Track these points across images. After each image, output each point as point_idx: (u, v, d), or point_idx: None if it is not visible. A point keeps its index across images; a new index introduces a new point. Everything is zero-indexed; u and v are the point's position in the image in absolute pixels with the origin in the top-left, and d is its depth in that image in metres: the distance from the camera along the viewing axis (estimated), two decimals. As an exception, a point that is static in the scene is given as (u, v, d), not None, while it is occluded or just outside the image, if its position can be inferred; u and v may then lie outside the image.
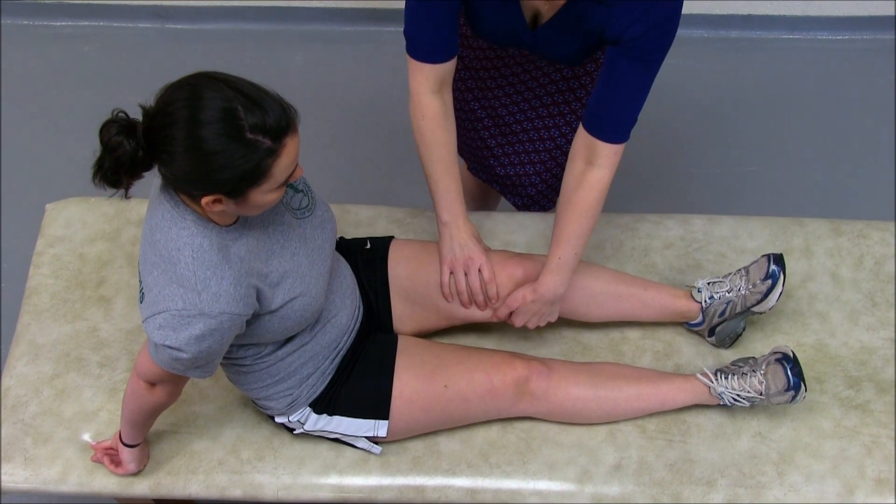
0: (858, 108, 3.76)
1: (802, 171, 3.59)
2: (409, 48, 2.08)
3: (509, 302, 2.24)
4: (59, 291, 2.46)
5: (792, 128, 3.71)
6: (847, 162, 3.62)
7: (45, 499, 2.91)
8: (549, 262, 2.18)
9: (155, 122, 1.66)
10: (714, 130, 3.70)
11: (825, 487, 2.16)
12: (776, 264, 2.21)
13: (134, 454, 2.15)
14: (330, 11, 3.93)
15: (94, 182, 1.72)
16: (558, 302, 2.25)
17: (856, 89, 3.81)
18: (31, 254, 2.55)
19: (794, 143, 3.67)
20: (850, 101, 3.78)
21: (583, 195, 2.10)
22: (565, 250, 2.15)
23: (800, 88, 3.81)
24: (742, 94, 3.80)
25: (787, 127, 3.71)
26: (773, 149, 3.65)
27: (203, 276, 1.77)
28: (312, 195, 2.04)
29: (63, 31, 3.99)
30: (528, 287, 2.22)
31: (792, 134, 3.69)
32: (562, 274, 2.17)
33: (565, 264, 2.16)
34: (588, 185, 2.08)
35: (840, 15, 3.87)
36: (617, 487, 2.18)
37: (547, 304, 2.22)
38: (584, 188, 2.09)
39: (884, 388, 2.29)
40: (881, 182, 3.57)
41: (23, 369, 2.35)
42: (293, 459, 2.22)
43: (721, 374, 2.22)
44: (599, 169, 2.07)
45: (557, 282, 2.18)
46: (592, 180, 2.08)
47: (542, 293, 2.19)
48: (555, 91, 2.37)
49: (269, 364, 2.06)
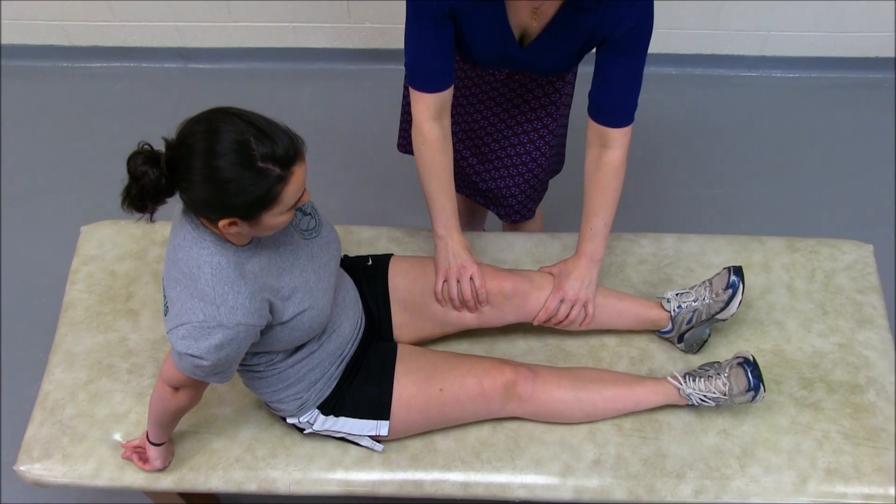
0: (809, 137, 3.76)
1: (761, 194, 3.59)
2: (410, 79, 2.09)
3: (548, 305, 2.27)
4: (93, 305, 2.45)
5: (751, 154, 3.71)
6: (800, 185, 3.62)
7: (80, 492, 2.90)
8: (584, 233, 2.25)
9: (176, 153, 1.66)
10: (683, 157, 3.70)
11: (782, 478, 2.16)
12: (736, 275, 2.22)
13: (160, 452, 2.15)
14: (334, 52, 3.95)
15: (122, 207, 1.73)
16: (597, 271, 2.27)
17: (806, 120, 3.82)
18: (67, 271, 2.54)
19: (753, 168, 3.67)
20: (801, 130, 3.78)
21: (603, 174, 2.18)
22: (595, 221, 2.22)
23: (758, 120, 3.82)
24: (707, 125, 3.80)
25: (748, 154, 3.71)
26: (735, 173, 3.65)
27: (221, 291, 1.77)
28: (319, 217, 2.04)
29: (97, 71, 3.99)
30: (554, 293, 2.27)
31: (752, 160, 3.69)
32: (596, 241, 2.24)
33: (598, 232, 2.23)
34: (606, 165, 2.16)
35: (791, 56, 3.90)
36: (596, 481, 2.17)
37: (588, 270, 2.25)
38: (603, 169, 2.17)
39: (833, 389, 2.29)
40: (831, 203, 3.57)
41: (60, 375, 2.34)
42: (303, 457, 2.21)
43: (689, 377, 2.21)
44: (613, 150, 2.15)
45: (594, 248, 2.24)
46: (609, 160, 2.16)
47: (584, 256, 2.25)
48: (528, 109, 2.38)
49: (281, 370, 2.05)
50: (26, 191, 3.62)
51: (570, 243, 2.52)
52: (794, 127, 3.79)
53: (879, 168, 3.67)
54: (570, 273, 2.26)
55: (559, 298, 2.26)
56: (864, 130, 3.78)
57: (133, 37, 3.89)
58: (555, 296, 2.26)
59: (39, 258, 3.42)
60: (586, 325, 2.30)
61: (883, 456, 2.19)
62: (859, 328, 2.39)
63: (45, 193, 3.61)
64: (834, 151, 3.72)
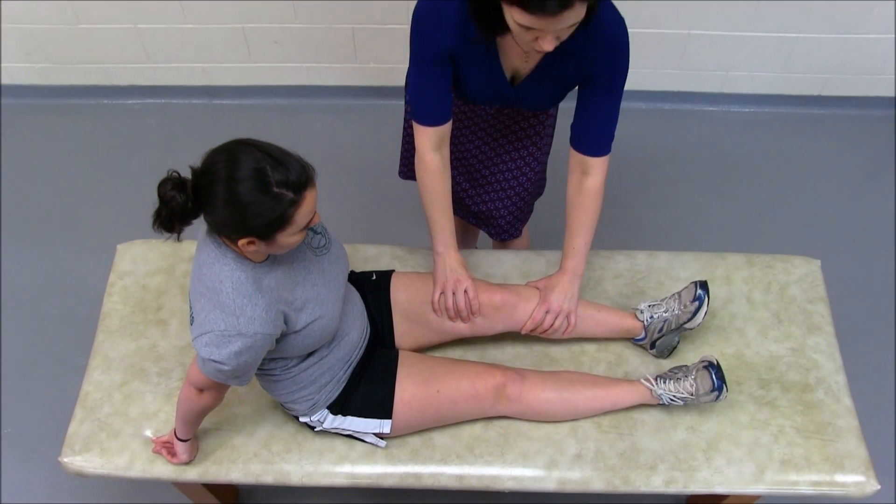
0: (763, 165, 3.77)
1: (723, 215, 3.59)
2: (414, 115, 2.09)
3: (535, 316, 2.25)
4: (127, 315, 2.44)
5: (713, 180, 3.71)
6: (757, 207, 3.62)
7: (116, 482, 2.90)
8: (566, 250, 2.24)
9: (201, 179, 1.66)
10: (653, 182, 3.70)
11: (743, 468, 2.15)
12: (702, 289, 2.21)
13: (186, 447, 2.13)
14: (342, 89, 3.95)
15: (153, 228, 1.73)
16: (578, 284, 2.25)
17: (760, 150, 3.82)
18: (105, 285, 2.53)
19: (715, 192, 3.67)
20: (757, 159, 3.79)
21: (583, 198, 2.16)
22: (577, 241, 2.21)
23: (719, 149, 3.83)
24: (674, 154, 3.80)
25: (710, 179, 3.71)
26: (700, 197, 3.65)
27: (241, 303, 1.76)
28: (328, 236, 2.03)
29: (133, 107, 3.99)
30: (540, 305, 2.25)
31: (714, 185, 3.69)
32: (578, 258, 2.22)
33: (579, 250, 2.22)
34: (586, 190, 2.15)
35: (747, 93, 3.91)
36: (578, 472, 2.16)
37: (571, 284, 2.24)
38: (584, 193, 2.16)
39: (787, 388, 2.28)
40: (783, 223, 3.57)
41: (98, 378, 2.32)
42: (314, 452, 2.19)
43: (660, 379, 2.21)
44: (593, 177, 2.14)
45: (576, 264, 2.23)
46: (589, 186, 2.15)
47: (567, 272, 2.23)
48: (515, 139, 2.37)
49: (294, 374, 2.04)
50: (70, 212, 3.63)
51: (554, 260, 2.51)
52: (750, 155, 3.80)
53: (824, 192, 3.68)
54: (554, 287, 2.24)
55: (545, 310, 2.24)
56: (809, 159, 3.80)
57: (165, 76, 3.90)
58: (541, 307, 2.24)
59: (80, 273, 3.42)
60: (569, 334, 2.29)
61: (829, 447, 2.18)
62: (809, 334, 2.38)
63: (86, 215, 3.61)
64: (785, 177, 3.73)
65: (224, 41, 3.69)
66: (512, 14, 1.69)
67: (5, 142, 3.86)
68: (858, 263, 3.44)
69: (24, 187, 3.70)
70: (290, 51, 3.74)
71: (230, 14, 3.55)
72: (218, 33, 3.65)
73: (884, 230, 3.55)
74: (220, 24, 3.61)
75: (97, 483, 2.92)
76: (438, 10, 1.91)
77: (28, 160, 3.80)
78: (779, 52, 3.66)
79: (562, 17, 1.65)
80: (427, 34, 1.94)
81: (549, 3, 1.62)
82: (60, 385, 3.11)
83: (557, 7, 1.63)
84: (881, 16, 3.46)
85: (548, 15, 1.64)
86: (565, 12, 1.64)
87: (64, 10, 3.54)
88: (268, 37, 3.67)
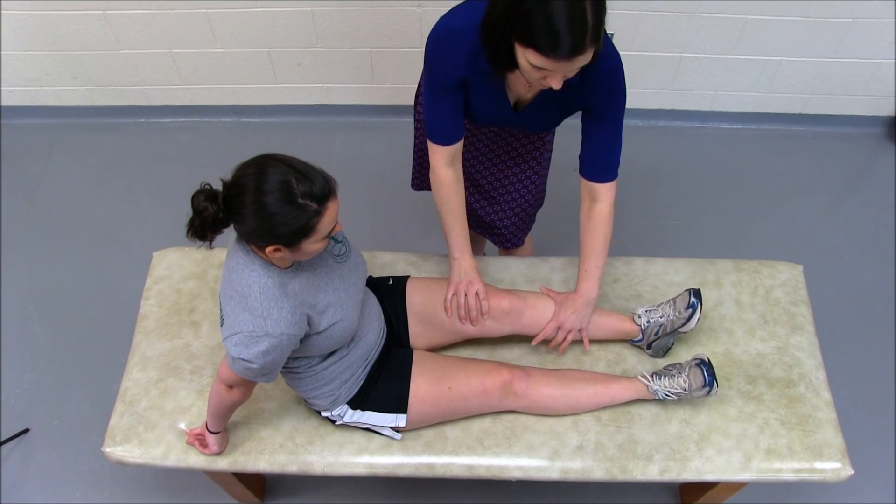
0: (750, 178, 3.76)
1: (712, 224, 3.58)
2: (429, 135, 2.09)
3: (547, 329, 2.24)
4: (162, 317, 2.43)
5: (704, 192, 3.70)
6: (744, 217, 3.61)
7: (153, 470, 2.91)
8: (580, 273, 2.21)
9: (231, 191, 1.66)
10: (649, 194, 3.68)
11: (731, 458, 2.14)
12: (695, 297, 2.20)
13: (217, 439, 2.13)
14: (360, 107, 3.94)
15: (187, 236, 1.73)
16: (591, 306, 2.23)
17: (748, 164, 3.81)
18: (142, 289, 2.54)
19: (706, 203, 3.66)
20: (744, 172, 3.78)
21: (593, 224, 2.14)
22: (589, 265, 2.18)
23: (709, 163, 3.81)
24: (668, 168, 3.79)
25: (701, 191, 3.70)
26: (692, 207, 3.64)
27: (268, 306, 1.75)
28: (349, 244, 2.02)
29: (168, 125, 4.00)
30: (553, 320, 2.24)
31: (704, 196, 3.68)
32: (591, 280, 2.19)
33: (592, 273, 2.19)
34: (596, 217, 2.13)
35: (735, 111, 3.89)
36: (579, 463, 2.15)
37: (584, 307, 2.22)
38: (594, 220, 2.13)
39: (772, 384, 2.27)
40: (768, 231, 3.56)
41: (136, 375, 2.32)
42: (335, 444, 2.19)
43: (656, 376, 2.20)
44: (601, 203, 2.12)
45: (590, 286, 2.20)
46: (598, 212, 2.13)
47: (581, 295, 2.21)
48: (517, 156, 2.37)
49: (317, 372, 2.03)
50: (110, 222, 3.63)
51: (557, 266, 2.51)
52: (738, 169, 3.79)
53: (806, 202, 3.67)
54: (568, 306, 2.23)
55: (556, 326, 2.24)
56: (792, 172, 3.78)
57: (196, 97, 3.90)
58: (553, 323, 2.24)
59: (120, 278, 3.42)
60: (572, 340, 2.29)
61: (810, 437, 2.18)
62: (792, 334, 2.37)
63: (125, 224, 3.61)
64: (770, 189, 3.71)
65: (251, 64, 3.70)
66: (526, 55, 1.67)
67: (55, 158, 3.87)
68: (838, 268, 3.43)
69: (71, 199, 3.71)
70: (313, 72, 3.75)
71: (257, 39, 3.56)
72: (246, 57, 3.66)
73: (861, 237, 3.54)
74: (248, 49, 3.61)
75: (136, 471, 2.92)
76: (451, 42, 1.90)
77: (75, 175, 3.81)
78: (763, 73, 3.65)
79: (574, 60, 1.65)
80: (439, 64, 1.94)
81: (563, 48, 1.61)
82: (103, 381, 3.11)
83: (571, 52, 1.62)
84: (857, 40, 3.45)
85: (561, 58, 1.64)
86: (578, 56, 1.64)
87: (106, 37, 3.55)
88: (292, 60, 3.68)
